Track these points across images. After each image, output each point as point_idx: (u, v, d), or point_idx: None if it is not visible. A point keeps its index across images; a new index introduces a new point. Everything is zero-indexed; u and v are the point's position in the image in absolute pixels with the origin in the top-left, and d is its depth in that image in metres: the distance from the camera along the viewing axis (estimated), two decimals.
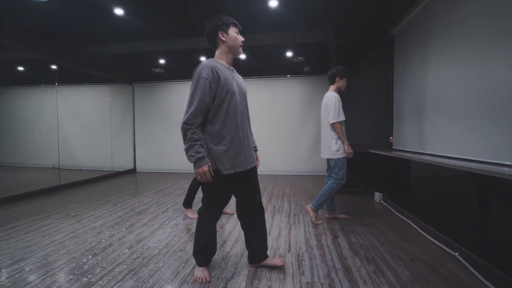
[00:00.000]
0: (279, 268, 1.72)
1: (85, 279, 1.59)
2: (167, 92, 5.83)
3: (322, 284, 1.55)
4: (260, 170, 5.53)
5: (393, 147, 3.61)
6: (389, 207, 3.10)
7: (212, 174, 1.43)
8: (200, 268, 1.61)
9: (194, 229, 2.36)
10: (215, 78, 1.43)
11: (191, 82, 1.48)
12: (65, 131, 5.38)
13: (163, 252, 1.95)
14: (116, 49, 4.45)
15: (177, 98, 5.78)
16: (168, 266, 1.75)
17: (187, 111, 1.41)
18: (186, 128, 1.39)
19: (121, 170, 5.62)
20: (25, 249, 1.99)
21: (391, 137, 3.68)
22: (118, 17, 3.32)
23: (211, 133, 1.48)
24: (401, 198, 3.03)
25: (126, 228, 2.41)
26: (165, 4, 3.11)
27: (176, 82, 5.80)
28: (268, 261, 1.72)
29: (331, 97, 2.55)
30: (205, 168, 1.39)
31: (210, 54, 4.88)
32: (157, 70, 5.45)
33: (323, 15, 3.45)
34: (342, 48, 3.84)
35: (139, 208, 3.06)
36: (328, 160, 2.65)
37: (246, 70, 5.58)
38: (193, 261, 1.79)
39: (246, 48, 4.61)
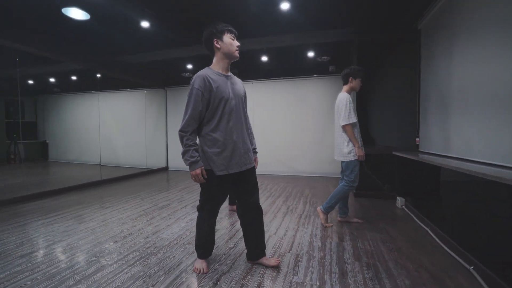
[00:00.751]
0: (275, 267, 1.78)
1: (104, 261, 1.83)
2: None
3: (312, 285, 1.57)
4: (282, 171, 5.56)
5: (420, 149, 3.37)
6: (410, 214, 2.92)
7: (205, 176, 1.56)
8: (200, 260, 1.74)
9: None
10: (207, 87, 1.54)
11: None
12: (107, 132, 6.03)
13: (173, 243, 2.14)
14: (149, 57, 4.89)
15: None
16: (174, 256, 1.92)
17: (183, 119, 1.56)
18: (182, 135, 1.55)
19: (155, 168, 6.11)
20: (63, 233, 2.34)
21: (417, 138, 3.44)
22: (148, 30, 3.66)
23: (205, 137, 1.60)
24: (424, 204, 2.83)
25: (147, 221, 2.68)
26: (189, 15, 3.35)
27: None
28: (265, 260, 1.79)
29: (342, 98, 2.51)
30: (198, 171, 1.52)
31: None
32: (186, 74, 5.81)
33: (343, 12, 3.37)
34: (365, 45, 3.68)
35: (162, 203, 3.34)
36: (341, 162, 2.61)
37: (270, 71, 5.66)
38: (196, 255, 1.94)
39: (268, 50, 4.69)
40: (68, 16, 3.13)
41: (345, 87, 2.61)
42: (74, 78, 5.93)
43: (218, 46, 1.62)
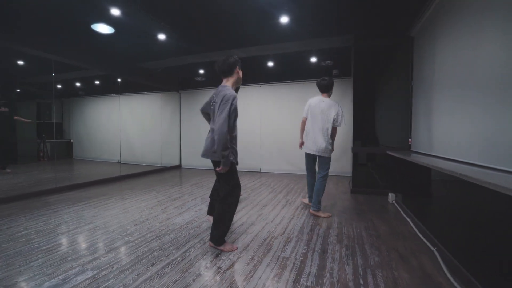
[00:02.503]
0: (267, 243, 2.12)
1: (126, 238, 2.24)
2: (207, 97, 6.60)
3: (295, 259, 1.90)
4: (288, 169, 5.87)
5: (412, 149, 3.61)
6: (398, 208, 3.17)
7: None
8: (228, 243, 2.08)
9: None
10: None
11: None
12: (126, 132, 6.57)
13: (183, 227, 2.52)
14: (165, 64, 5.35)
15: None
16: (184, 236, 2.30)
17: (226, 125, 1.91)
18: (227, 137, 1.92)
19: (168, 166, 6.58)
20: (92, 217, 2.78)
21: (409, 139, 3.68)
22: (164, 40, 4.09)
23: (234, 137, 2.06)
24: (410, 199, 3.08)
25: (161, 209, 3.08)
26: (201, 27, 3.75)
27: (215, 89, 6.52)
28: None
29: (335, 104, 2.85)
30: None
31: (242, 63, 5.48)
32: (199, 78, 6.25)
33: (341, 21, 3.66)
34: (362, 51, 3.95)
35: (174, 196, 3.75)
36: (318, 157, 2.96)
37: (277, 75, 5.99)
38: (202, 235, 2.31)
39: (274, 56, 5.03)
40: (96, 30, 3.60)
41: (326, 95, 2.99)
42: (97, 82, 6.50)
43: (239, 72, 2.21)
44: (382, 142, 4.01)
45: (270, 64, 5.33)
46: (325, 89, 2.99)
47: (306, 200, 3.28)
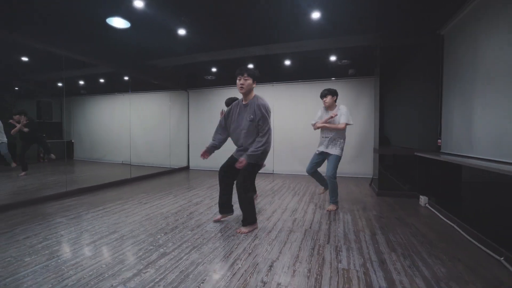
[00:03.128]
0: (318, 253, 1.95)
1: (162, 249, 2.03)
2: (218, 96, 6.40)
3: (357, 271, 1.74)
4: (302, 171, 5.71)
5: (442, 151, 3.50)
6: (435, 211, 3.05)
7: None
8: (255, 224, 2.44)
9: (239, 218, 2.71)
10: None
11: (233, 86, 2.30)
12: (133, 132, 6.31)
13: (218, 235, 2.33)
14: (175, 61, 5.12)
15: (222, 100, 6.32)
16: (223, 247, 2.10)
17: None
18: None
19: (177, 167, 6.35)
20: (115, 225, 2.56)
21: (439, 140, 3.57)
22: (180, 35, 3.88)
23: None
24: (449, 202, 2.96)
25: (187, 215, 2.88)
26: (220, 20, 3.55)
27: (226, 88, 6.33)
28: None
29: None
30: None
31: (257, 61, 5.31)
32: (209, 77, 6.04)
33: (369, 19, 3.52)
34: (388, 50, 3.82)
35: (195, 200, 3.54)
36: (330, 155, 3.08)
37: (290, 74, 5.83)
38: (244, 245, 2.13)
39: (292, 54, 4.87)
40: (111, 25, 3.37)
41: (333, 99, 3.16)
42: (102, 80, 6.22)
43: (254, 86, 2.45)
44: (408, 144, 3.89)
45: (287, 62, 5.15)
46: (335, 94, 3.20)
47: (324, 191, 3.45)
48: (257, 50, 4.62)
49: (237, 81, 2.32)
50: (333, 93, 3.14)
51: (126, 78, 5.50)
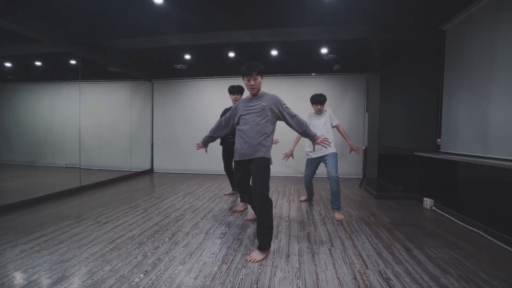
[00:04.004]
0: (366, 285, 1.47)
1: None
2: (189, 89, 5.59)
3: None
4: (285, 172, 5.28)
5: (441, 150, 3.36)
6: (445, 214, 2.85)
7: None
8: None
9: (244, 238, 2.11)
10: None
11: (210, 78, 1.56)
12: (83, 129, 5.13)
13: (223, 269, 1.69)
14: (140, 43, 4.20)
15: (199, 95, 5.54)
16: (239, 285, 1.49)
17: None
18: None
19: (139, 171, 5.36)
20: (63, 264, 1.73)
21: (438, 139, 3.43)
22: (147, 7, 3.07)
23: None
24: (458, 205, 2.78)
25: (169, 238, 2.15)
26: None
27: (199, 80, 5.55)
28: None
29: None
30: None
31: (238, 50, 4.68)
32: (179, 66, 5.20)
33: (366, 9, 3.20)
34: (386, 44, 3.57)
35: (174, 214, 2.80)
36: (327, 155, 2.86)
37: (272, 68, 5.32)
38: (264, 283, 1.54)
39: (277, 44, 4.37)
40: None
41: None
42: (40, 63, 4.90)
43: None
44: (404, 143, 3.70)
45: (274, 53, 4.63)
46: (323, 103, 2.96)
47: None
48: (241, 35, 4.01)
49: (246, 81, 2.03)
50: (326, 99, 2.98)
51: (74, 62, 4.38)
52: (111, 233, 2.26)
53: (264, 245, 1.86)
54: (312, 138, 2.10)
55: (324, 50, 4.54)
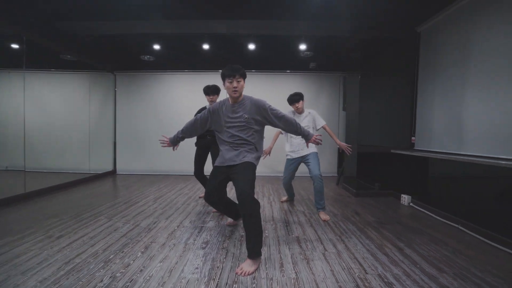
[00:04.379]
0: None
1: None
2: (157, 83, 5.13)
3: None
4: (262, 172, 5.12)
5: (415, 148, 3.47)
6: (423, 210, 2.92)
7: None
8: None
9: (230, 246, 1.89)
10: None
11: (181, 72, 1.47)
12: (29, 126, 4.41)
13: (211, 287, 1.45)
14: (100, 29, 3.69)
15: (169, 90, 5.12)
16: None
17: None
18: None
19: (100, 173, 4.78)
20: None
21: (413, 137, 3.54)
22: None
23: None
24: (434, 200, 2.87)
25: (142, 253, 1.84)
26: None
27: (168, 73, 5.12)
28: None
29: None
30: None
31: (213, 41, 4.38)
32: (147, 57, 4.72)
33: (346, 7, 3.16)
34: (362, 43, 3.58)
35: (144, 222, 2.45)
36: (308, 154, 2.76)
37: (247, 64, 5.12)
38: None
39: (254, 37, 4.17)
40: None
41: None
42: None
43: (224, 87, 1.92)
44: (381, 142, 3.76)
45: (251, 47, 4.41)
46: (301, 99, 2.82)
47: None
48: (218, 25, 3.74)
49: (227, 83, 1.86)
50: (302, 96, 2.83)
51: (17, 46, 3.71)
52: (67, 250, 1.86)
53: (255, 253, 1.66)
54: (306, 136, 1.96)
55: (302, 47, 4.46)
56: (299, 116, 2.86)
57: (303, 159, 2.82)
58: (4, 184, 3.72)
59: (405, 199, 3.18)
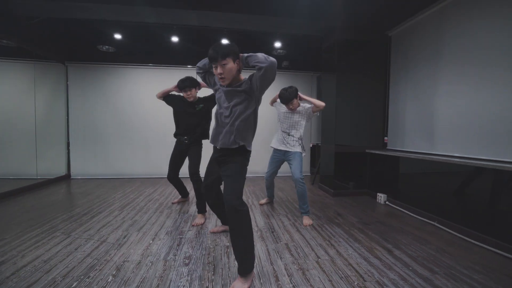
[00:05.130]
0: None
1: None
2: (117, 78, 4.62)
3: None
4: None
5: (388, 147, 3.61)
6: (398, 208, 3.04)
7: None
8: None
9: (216, 261, 1.70)
10: None
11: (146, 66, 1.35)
12: None
13: None
14: (49, 10, 3.15)
15: (129, 86, 4.65)
16: None
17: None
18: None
19: (51, 178, 4.14)
20: None
21: (385, 138, 3.68)
22: None
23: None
24: (408, 198, 2.99)
25: (114, 276, 1.55)
26: None
27: (130, 66, 4.64)
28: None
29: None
30: None
31: (183, 35, 4.06)
32: (105, 48, 4.20)
33: (322, 6, 3.15)
34: (338, 43, 3.60)
35: (112, 237, 2.12)
36: (291, 153, 2.67)
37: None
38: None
39: (227, 31, 3.96)
40: None
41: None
42: None
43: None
44: (355, 141, 3.84)
45: (224, 41, 4.19)
46: (294, 96, 2.58)
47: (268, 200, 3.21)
48: (189, 16, 3.45)
49: (213, 69, 1.55)
50: (296, 93, 2.60)
51: None
52: (12, 281, 1.49)
53: (247, 268, 1.50)
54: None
55: (277, 44, 4.38)
56: (293, 115, 2.68)
57: (286, 157, 2.73)
58: None
59: (381, 197, 3.29)
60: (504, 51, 2.13)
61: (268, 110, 4.53)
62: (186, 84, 2.57)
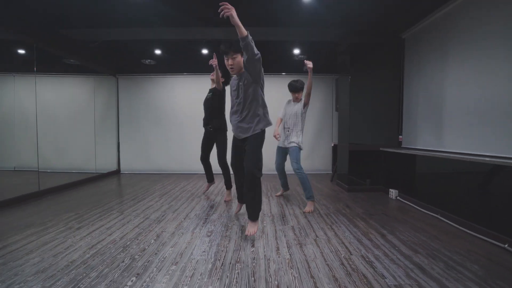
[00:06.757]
0: (354, 270, 1.60)
1: None
2: (157, 86, 5.36)
3: (411, 285, 1.47)
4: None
5: (403, 146, 3.74)
6: (408, 203, 3.18)
7: None
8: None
9: (232, 235, 2.13)
10: None
11: (181, 75, 1.82)
12: (35, 128, 4.61)
13: (217, 265, 1.70)
14: (106, 35, 3.91)
15: (169, 92, 5.34)
16: (239, 284, 1.51)
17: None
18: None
19: (105, 172, 5.00)
20: (39, 274, 1.57)
21: (400, 136, 3.80)
22: None
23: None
24: (418, 194, 3.13)
25: (155, 240, 2.08)
26: None
27: (168, 76, 5.35)
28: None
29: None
30: None
31: (211, 47, 4.61)
32: (148, 61, 4.94)
33: (334, 13, 3.41)
34: (352, 47, 3.83)
35: (153, 215, 2.69)
36: (288, 148, 3.06)
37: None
38: (256, 272, 1.59)
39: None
40: None
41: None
42: None
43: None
44: (371, 140, 4.02)
45: None
46: (299, 89, 3.09)
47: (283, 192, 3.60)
48: (215, 33, 3.97)
49: (225, 61, 2.02)
50: (303, 85, 3.09)
51: (23, 51, 3.91)
52: (88, 238, 2.10)
53: (256, 215, 2.14)
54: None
55: (296, 51, 4.71)
56: (293, 104, 3.11)
57: (287, 149, 3.14)
58: (16, 183, 3.92)
59: (393, 193, 3.45)
60: None
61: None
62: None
